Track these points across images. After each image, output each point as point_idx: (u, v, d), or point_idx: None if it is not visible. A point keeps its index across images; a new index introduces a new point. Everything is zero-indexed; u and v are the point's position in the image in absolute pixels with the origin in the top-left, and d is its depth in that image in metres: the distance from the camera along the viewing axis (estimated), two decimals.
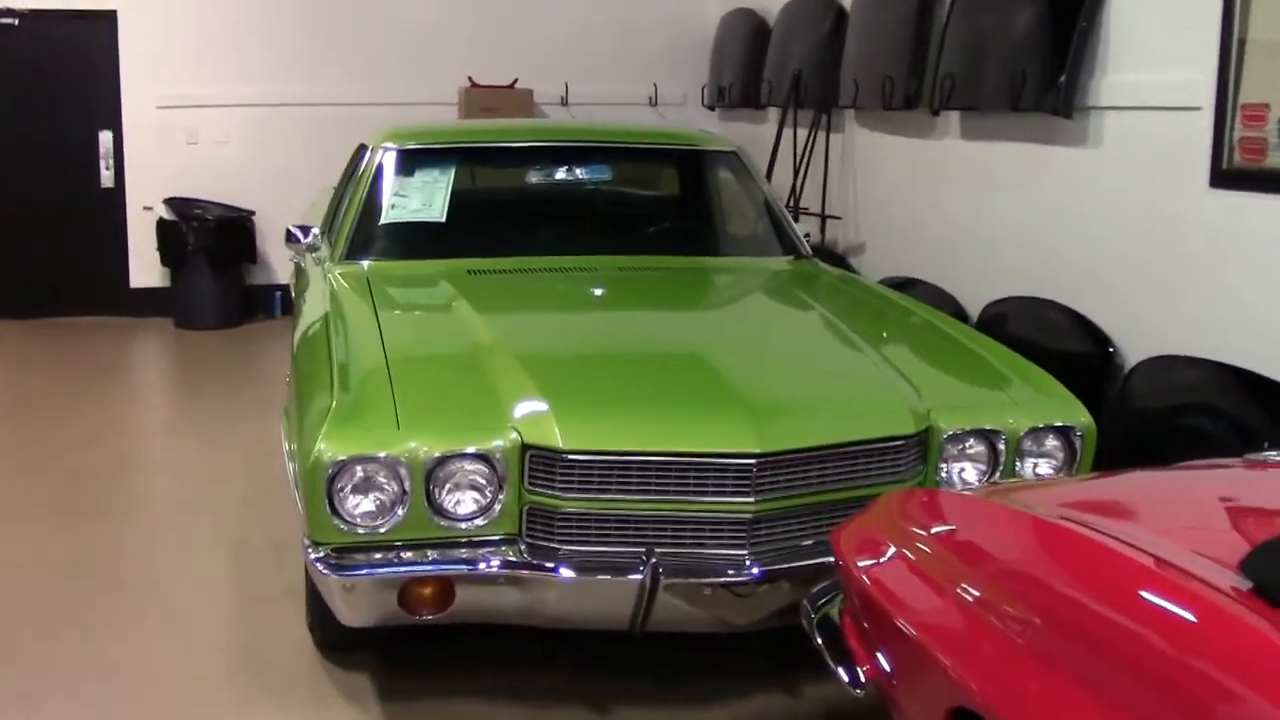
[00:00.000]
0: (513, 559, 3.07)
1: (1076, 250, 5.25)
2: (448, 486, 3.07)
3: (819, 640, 2.56)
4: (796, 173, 7.51)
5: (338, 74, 8.64)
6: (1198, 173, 4.51)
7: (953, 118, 6.16)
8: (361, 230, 4.56)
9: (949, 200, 6.24)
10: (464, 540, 3.08)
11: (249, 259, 8.62)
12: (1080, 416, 3.42)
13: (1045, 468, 3.45)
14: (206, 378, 7.50)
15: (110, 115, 8.49)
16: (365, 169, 4.73)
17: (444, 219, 4.56)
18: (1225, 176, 4.40)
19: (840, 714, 3.45)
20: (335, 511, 3.01)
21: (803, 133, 7.46)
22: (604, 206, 5.19)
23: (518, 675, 3.60)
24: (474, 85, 8.67)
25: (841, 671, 2.43)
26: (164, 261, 8.40)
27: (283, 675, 3.62)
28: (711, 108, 9.16)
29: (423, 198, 4.58)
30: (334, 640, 3.62)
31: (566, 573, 3.05)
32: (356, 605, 3.07)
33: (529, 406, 3.14)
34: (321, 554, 3.03)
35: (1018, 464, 3.40)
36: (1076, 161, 5.25)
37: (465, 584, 3.07)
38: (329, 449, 2.99)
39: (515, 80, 8.71)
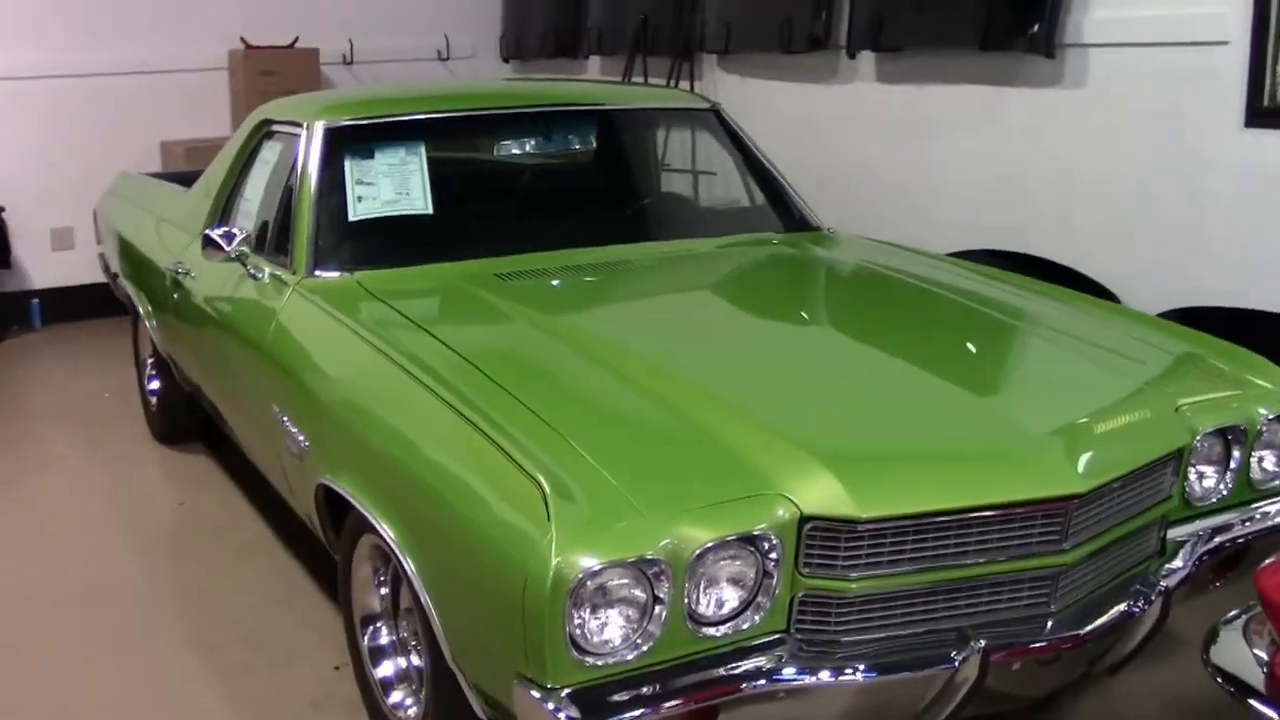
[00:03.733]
0: (803, 666, 2.31)
1: (1054, 199, 4.85)
2: (703, 584, 2.27)
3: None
4: None
5: (79, 37, 7.20)
6: (1228, 111, 4.18)
7: (867, 60, 5.64)
8: (327, 233, 3.55)
9: (866, 151, 5.73)
10: (731, 649, 2.30)
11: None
12: None
13: (1270, 461, 2.99)
14: None
15: None
16: (302, 153, 3.70)
17: (430, 210, 3.63)
18: (1264, 114, 4.09)
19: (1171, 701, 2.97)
20: (575, 643, 2.17)
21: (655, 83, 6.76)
22: (601, 183, 4.33)
23: None
24: (248, 46, 7.43)
25: None
26: None
27: None
28: (507, 59, 8.31)
29: (395, 185, 3.62)
30: None
31: (876, 672, 2.33)
32: None
33: (792, 465, 2.36)
34: (562, 702, 2.17)
35: (1252, 459, 2.93)
36: (1054, 104, 4.82)
37: (734, 706, 2.29)
38: (579, 556, 2.12)
39: (296, 39, 7.54)
